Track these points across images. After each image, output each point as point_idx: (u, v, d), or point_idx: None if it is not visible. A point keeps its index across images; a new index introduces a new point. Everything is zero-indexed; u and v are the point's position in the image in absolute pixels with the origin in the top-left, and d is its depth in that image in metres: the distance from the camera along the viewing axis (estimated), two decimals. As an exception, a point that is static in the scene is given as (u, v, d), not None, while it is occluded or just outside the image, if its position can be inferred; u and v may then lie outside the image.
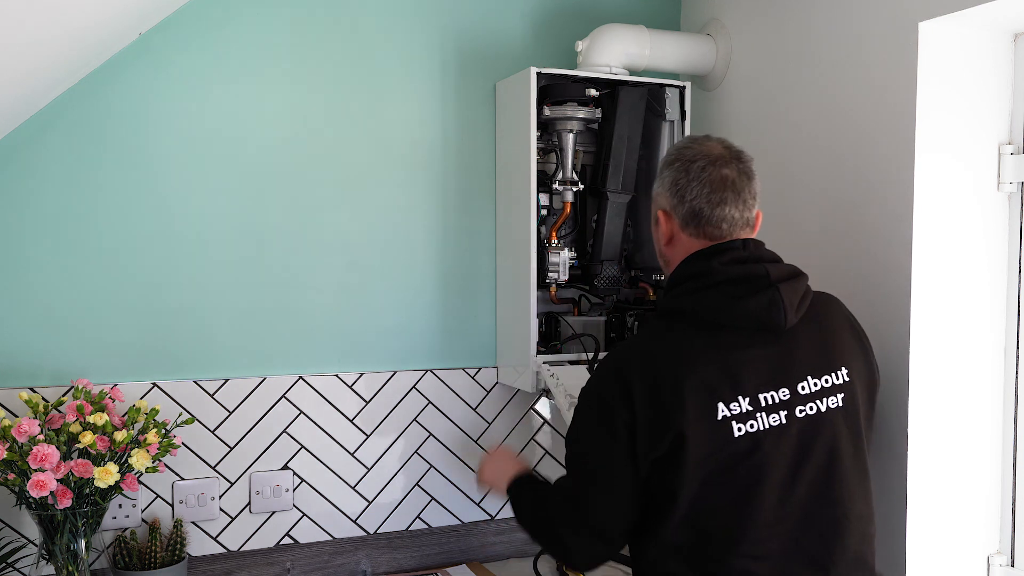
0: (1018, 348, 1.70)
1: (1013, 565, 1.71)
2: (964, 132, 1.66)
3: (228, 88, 1.89)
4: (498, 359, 2.15)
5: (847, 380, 1.43)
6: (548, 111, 1.98)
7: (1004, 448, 1.72)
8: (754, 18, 2.04)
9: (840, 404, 1.41)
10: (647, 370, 1.37)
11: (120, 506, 1.83)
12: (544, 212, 2.03)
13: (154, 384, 1.86)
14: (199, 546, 1.90)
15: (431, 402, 2.09)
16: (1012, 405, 1.71)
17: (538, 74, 1.93)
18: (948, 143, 1.64)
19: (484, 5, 2.11)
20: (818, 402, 1.39)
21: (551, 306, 2.10)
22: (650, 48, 2.06)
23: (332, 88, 1.98)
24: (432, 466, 2.10)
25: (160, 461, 1.66)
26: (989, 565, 1.72)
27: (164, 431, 1.68)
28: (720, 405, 1.34)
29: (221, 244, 1.90)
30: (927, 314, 1.63)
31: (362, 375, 2.03)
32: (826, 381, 1.41)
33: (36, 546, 1.73)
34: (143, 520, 1.86)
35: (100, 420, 1.60)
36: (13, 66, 1.49)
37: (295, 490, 1.98)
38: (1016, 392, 1.71)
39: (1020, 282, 1.70)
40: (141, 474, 1.66)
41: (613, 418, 1.37)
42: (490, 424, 2.15)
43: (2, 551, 1.68)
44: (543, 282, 2.01)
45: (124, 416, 1.68)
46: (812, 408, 1.39)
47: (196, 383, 1.89)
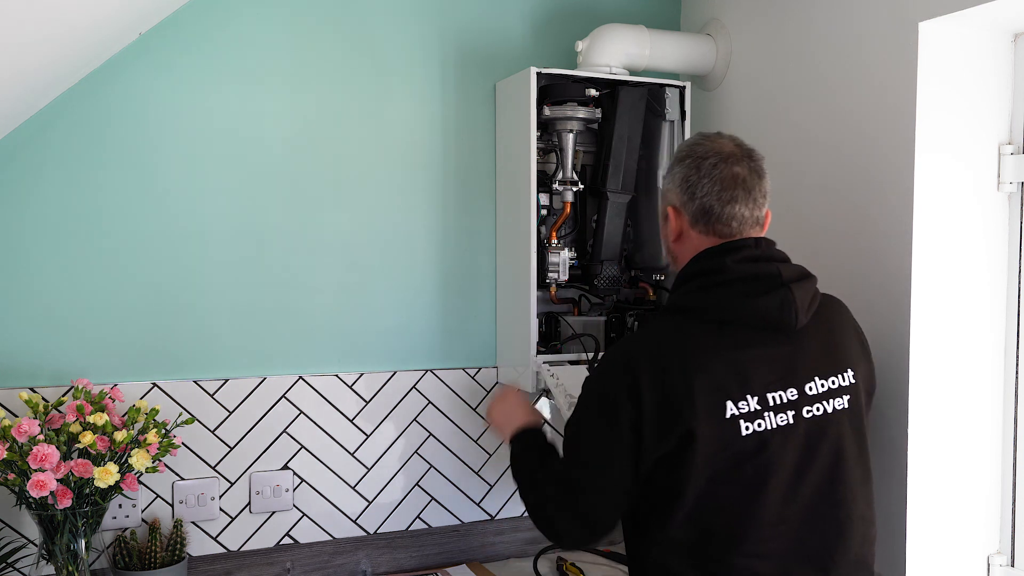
0: (1018, 348, 1.70)
1: (1013, 565, 1.71)
2: (964, 132, 1.65)
3: (228, 88, 1.89)
4: (498, 359, 2.15)
5: (852, 382, 1.43)
6: (548, 111, 1.98)
7: (1004, 448, 1.72)
8: (754, 18, 2.04)
9: (846, 406, 1.41)
10: (656, 366, 1.35)
11: (120, 506, 1.83)
12: (544, 212, 2.03)
13: (154, 384, 1.86)
14: (199, 546, 1.90)
15: (431, 402, 2.09)
16: (1012, 405, 1.71)
17: (538, 74, 1.93)
18: (948, 143, 1.64)
19: (484, 5, 2.11)
20: (825, 403, 1.39)
21: (551, 306, 2.10)
22: (650, 48, 2.06)
23: (332, 88, 1.98)
24: (432, 466, 2.10)
25: (160, 461, 1.66)
26: (989, 565, 1.72)
27: (164, 431, 1.68)
28: (729, 403, 1.33)
29: (221, 244, 1.90)
30: (927, 314, 1.63)
31: (362, 375, 2.03)
32: (833, 383, 1.41)
33: (36, 546, 1.73)
34: (143, 520, 1.86)
35: (100, 420, 1.60)
36: (13, 65, 1.49)
37: (295, 490, 1.98)
38: (1016, 392, 1.71)
39: (1020, 282, 1.70)
40: (141, 474, 1.66)
41: (616, 413, 1.36)
42: (490, 424, 2.14)
43: (2, 551, 1.68)
44: (543, 282, 2.01)
45: (124, 416, 1.68)
46: (819, 409, 1.39)
47: (196, 383, 1.89)
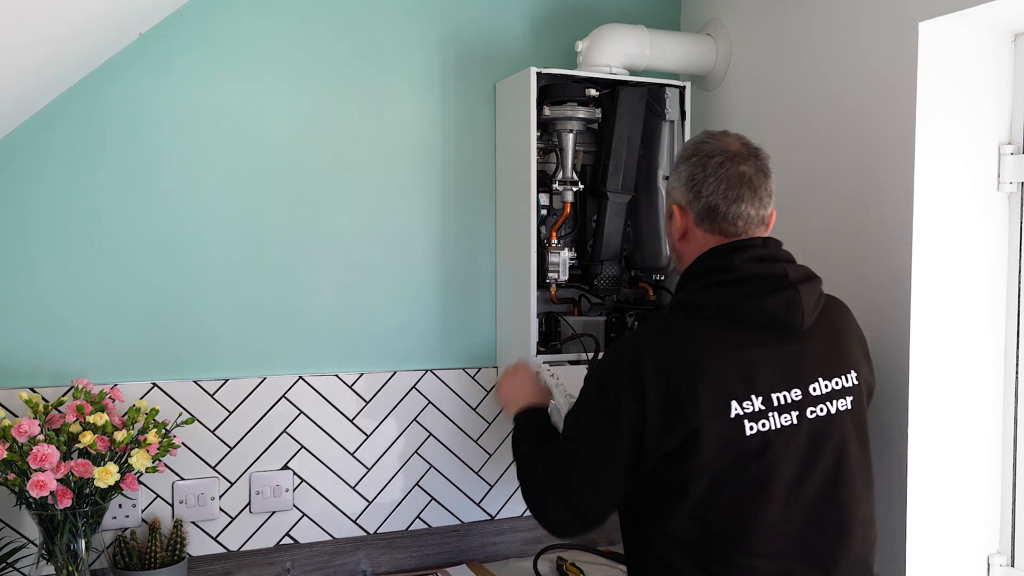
0: (1018, 348, 1.70)
1: (1013, 565, 1.72)
2: (964, 132, 1.66)
3: (228, 88, 1.89)
4: (498, 359, 2.15)
5: (855, 383, 1.43)
6: (548, 111, 1.98)
7: (1004, 448, 1.72)
8: (754, 18, 2.04)
9: (849, 407, 1.42)
10: (662, 363, 1.35)
11: (120, 506, 1.83)
12: (544, 212, 2.03)
13: (154, 384, 1.86)
14: (199, 546, 1.90)
15: (431, 402, 2.09)
16: (1012, 405, 1.71)
17: (538, 74, 1.93)
18: (948, 143, 1.64)
19: (484, 5, 2.11)
20: (828, 404, 1.39)
21: (551, 306, 2.10)
22: (650, 48, 2.06)
23: (332, 88, 1.98)
24: (432, 466, 2.10)
25: (160, 461, 1.66)
26: (989, 565, 1.72)
27: (164, 431, 1.67)
28: (733, 403, 1.33)
29: (221, 244, 1.90)
30: (927, 314, 1.63)
31: (362, 375, 2.03)
32: (836, 384, 1.41)
33: (36, 546, 1.73)
34: (143, 520, 1.86)
35: (100, 420, 1.60)
36: (13, 65, 1.49)
37: (295, 490, 1.98)
38: (1016, 392, 1.71)
39: (1020, 282, 1.70)
40: (141, 474, 1.66)
41: (616, 412, 1.36)
42: (490, 424, 2.15)
43: (2, 551, 1.68)
44: (543, 282, 2.01)
45: (124, 416, 1.68)
46: (823, 410, 1.39)
47: (196, 383, 1.89)
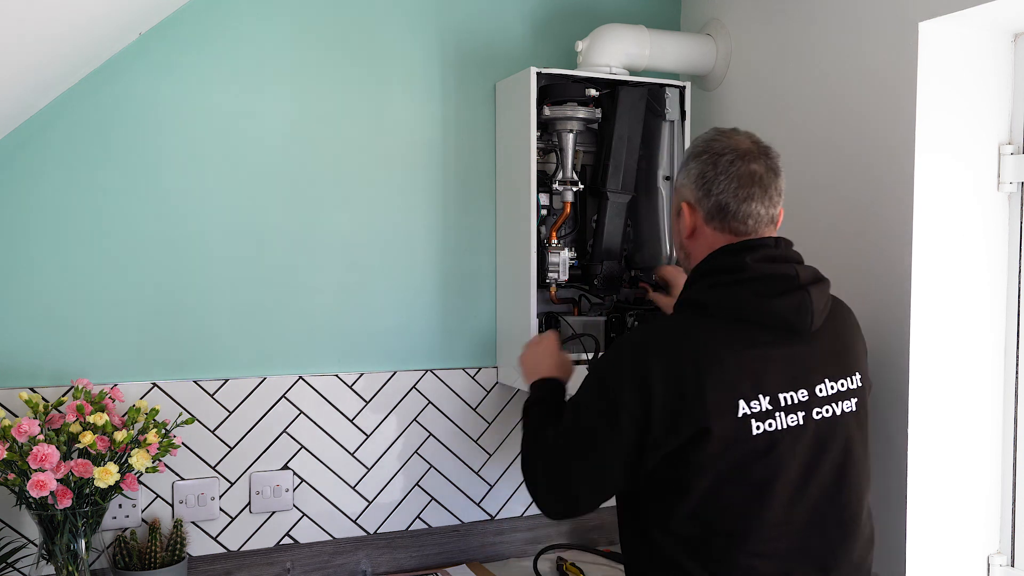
0: (1018, 348, 1.70)
1: (1013, 565, 1.72)
2: (964, 132, 1.66)
3: (228, 88, 1.89)
4: (498, 359, 2.15)
5: (859, 385, 1.43)
6: (548, 111, 1.97)
7: (1004, 448, 1.72)
8: (754, 18, 2.04)
9: (853, 408, 1.42)
10: (670, 363, 1.34)
11: (120, 506, 1.83)
12: (544, 212, 2.03)
13: (154, 384, 1.86)
14: (199, 546, 1.90)
15: (431, 402, 2.09)
16: (1012, 405, 1.71)
17: (538, 74, 1.93)
18: (948, 143, 1.64)
19: (484, 5, 2.11)
20: (834, 405, 1.39)
21: (551, 306, 2.10)
22: (650, 48, 2.06)
23: (332, 88, 1.98)
24: (432, 466, 2.10)
25: (160, 461, 1.66)
26: (989, 565, 1.72)
27: (164, 431, 1.67)
28: (741, 402, 1.33)
29: (221, 244, 1.90)
30: (927, 314, 1.63)
31: (362, 375, 2.03)
32: (842, 385, 1.41)
33: (36, 546, 1.73)
34: (143, 520, 1.86)
35: (100, 420, 1.60)
36: (13, 64, 1.49)
37: (295, 490, 1.98)
38: (1016, 392, 1.71)
39: (1020, 282, 1.70)
40: (141, 474, 1.66)
41: (617, 410, 1.36)
42: (490, 424, 2.15)
43: (2, 551, 1.68)
44: (543, 282, 2.01)
45: (124, 416, 1.68)
46: (828, 411, 1.39)
47: (196, 383, 1.89)
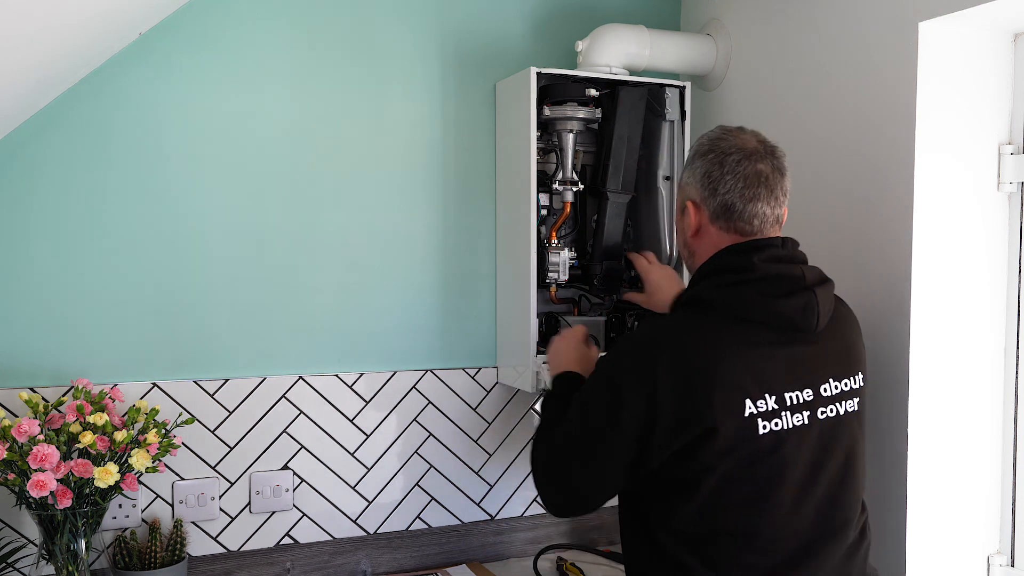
0: (1018, 348, 1.70)
1: (1013, 565, 1.72)
2: (964, 132, 1.66)
3: (228, 87, 1.89)
4: (498, 359, 2.15)
5: (861, 385, 1.44)
6: (548, 111, 1.97)
7: (1004, 448, 1.72)
8: (754, 18, 2.04)
9: (856, 409, 1.42)
10: (676, 362, 1.34)
11: (120, 506, 1.83)
12: (544, 212, 2.03)
13: (154, 384, 1.86)
14: (199, 546, 1.90)
15: (431, 402, 2.09)
16: (1012, 405, 1.71)
17: (538, 74, 1.93)
18: (948, 143, 1.64)
19: (484, 5, 2.11)
20: (838, 405, 1.40)
21: (551, 306, 2.10)
22: (650, 48, 2.06)
23: (332, 88, 1.98)
24: (432, 466, 2.10)
25: (160, 461, 1.66)
26: (989, 565, 1.72)
27: (164, 431, 1.67)
28: (748, 401, 1.33)
29: (221, 244, 1.90)
30: (927, 314, 1.63)
31: (362, 375, 2.03)
32: (845, 385, 1.41)
33: (36, 546, 1.73)
34: (143, 520, 1.86)
35: (100, 420, 1.60)
36: (13, 62, 1.48)
37: (295, 490, 1.98)
38: (1016, 392, 1.71)
39: (1020, 282, 1.70)
40: (141, 474, 1.66)
41: (620, 409, 1.35)
42: (490, 424, 2.15)
43: (2, 551, 1.68)
44: (543, 282, 2.01)
45: (124, 416, 1.68)
46: (832, 411, 1.39)
47: (196, 383, 1.89)
